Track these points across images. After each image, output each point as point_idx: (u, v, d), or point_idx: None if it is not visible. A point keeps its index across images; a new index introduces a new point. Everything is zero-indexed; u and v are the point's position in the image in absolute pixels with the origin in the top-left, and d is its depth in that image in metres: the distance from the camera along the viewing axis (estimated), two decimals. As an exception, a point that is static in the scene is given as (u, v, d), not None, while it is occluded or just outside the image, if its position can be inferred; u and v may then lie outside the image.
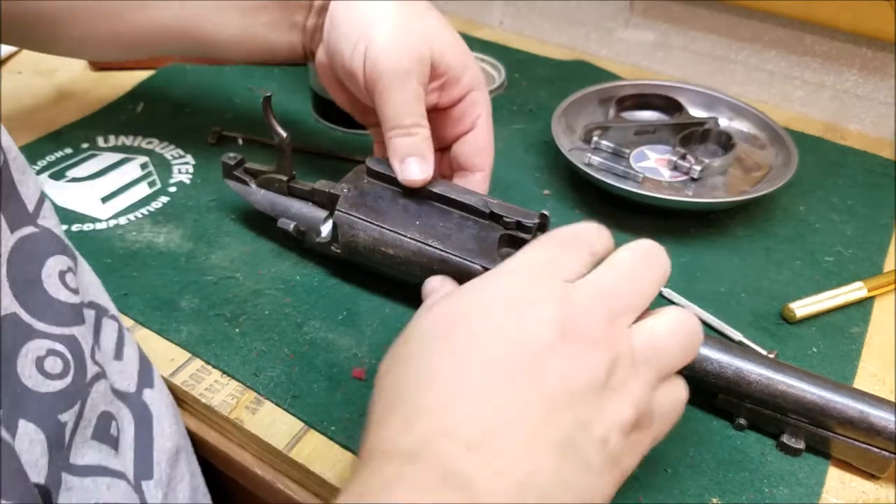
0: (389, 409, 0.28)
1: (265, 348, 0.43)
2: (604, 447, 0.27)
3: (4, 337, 0.30)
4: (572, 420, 0.27)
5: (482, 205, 0.41)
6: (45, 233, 0.33)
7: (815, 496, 0.36)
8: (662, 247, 0.32)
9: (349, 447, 0.38)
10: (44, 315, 0.32)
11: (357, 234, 0.43)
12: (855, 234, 0.53)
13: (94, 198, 0.54)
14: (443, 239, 0.41)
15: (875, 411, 0.36)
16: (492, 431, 0.26)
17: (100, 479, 0.32)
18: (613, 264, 0.31)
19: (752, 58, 0.70)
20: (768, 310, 0.47)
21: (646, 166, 0.57)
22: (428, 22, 0.43)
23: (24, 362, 0.30)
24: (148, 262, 0.48)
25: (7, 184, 0.32)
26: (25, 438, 0.29)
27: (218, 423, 0.41)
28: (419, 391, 0.28)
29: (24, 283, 0.31)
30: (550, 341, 0.28)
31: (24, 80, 0.70)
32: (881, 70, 0.64)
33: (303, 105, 0.65)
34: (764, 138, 0.59)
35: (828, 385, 0.37)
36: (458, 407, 0.27)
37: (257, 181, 0.48)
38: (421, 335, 0.30)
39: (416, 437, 0.26)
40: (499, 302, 0.29)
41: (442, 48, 0.43)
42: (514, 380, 0.27)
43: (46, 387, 0.31)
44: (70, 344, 0.33)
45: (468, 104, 0.45)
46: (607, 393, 0.28)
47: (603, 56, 0.78)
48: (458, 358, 0.28)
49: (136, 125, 0.62)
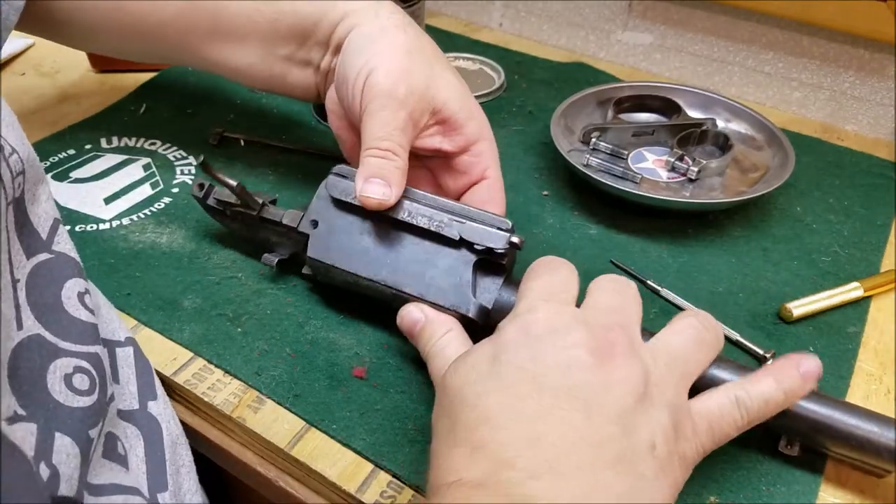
0: (449, 449, 0.30)
1: (267, 347, 0.43)
2: (651, 454, 0.29)
3: (31, 357, 0.31)
4: (620, 434, 0.29)
5: (452, 230, 0.40)
6: (61, 257, 0.35)
7: (813, 495, 0.37)
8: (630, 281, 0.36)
9: (350, 445, 0.38)
10: (67, 335, 0.33)
11: (333, 277, 0.43)
12: (852, 234, 0.54)
13: (98, 198, 0.54)
14: (416, 279, 0.40)
15: (872, 429, 0.35)
16: (550, 458, 0.28)
17: (115, 498, 0.33)
18: (597, 289, 0.35)
19: (750, 59, 0.70)
20: (765, 309, 0.47)
21: (644, 167, 0.57)
22: (436, 69, 0.43)
23: (53, 379, 0.31)
24: (151, 262, 0.49)
25: (21, 212, 0.33)
26: (63, 451, 0.30)
27: (220, 422, 0.41)
28: (477, 428, 0.29)
29: (45, 306, 0.33)
30: (588, 363, 0.30)
31: (28, 81, 0.70)
32: (878, 71, 0.65)
33: (303, 105, 0.66)
34: (761, 139, 0.59)
35: (822, 402, 0.36)
36: (516, 439, 0.28)
37: (230, 212, 0.46)
38: (465, 378, 0.32)
39: (480, 469, 0.28)
40: (534, 334, 0.31)
41: (446, 94, 0.43)
42: (561, 404, 0.29)
43: (76, 402, 0.31)
44: (94, 361, 0.34)
45: (474, 155, 0.44)
46: (647, 402, 0.30)
47: (601, 58, 0.78)
48: (508, 392, 0.30)
49: (138, 126, 0.62)
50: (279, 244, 0.46)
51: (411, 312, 0.40)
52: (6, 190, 0.31)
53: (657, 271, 0.50)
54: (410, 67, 0.42)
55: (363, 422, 0.39)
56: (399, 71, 0.41)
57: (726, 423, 0.32)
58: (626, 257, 0.51)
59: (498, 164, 0.45)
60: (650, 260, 0.51)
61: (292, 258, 0.46)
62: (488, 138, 0.45)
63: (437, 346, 0.38)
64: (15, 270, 0.32)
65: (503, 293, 0.40)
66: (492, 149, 0.45)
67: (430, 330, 0.38)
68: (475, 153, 0.44)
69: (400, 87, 0.41)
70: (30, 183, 0.33)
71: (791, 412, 0.35)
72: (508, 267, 0.41)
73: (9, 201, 0.31)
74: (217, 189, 0.47)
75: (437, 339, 0.38)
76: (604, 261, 0.50)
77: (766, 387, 0.33)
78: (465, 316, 0.39)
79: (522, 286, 0.36)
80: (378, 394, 0.40)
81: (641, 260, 0.51)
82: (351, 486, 0.36)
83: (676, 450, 0.30)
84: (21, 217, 0.33)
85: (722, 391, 0.33)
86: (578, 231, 0.53)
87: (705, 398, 0.33)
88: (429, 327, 0.39)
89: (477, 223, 0.40)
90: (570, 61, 0.75)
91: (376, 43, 0.43)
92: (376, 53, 0.42)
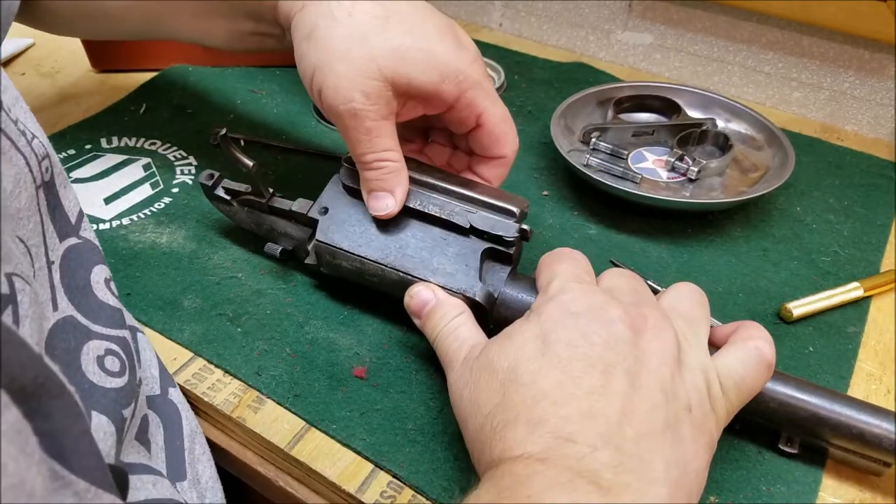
0: (505, 426, 0.30)
1: (267, 347, 0.43)
2: (689, 417, 0.31)
3: (66, 338, 0.31)
4: (664, 401, 0.30)
5: (462, 218, 0.40)
6: (87, 244, 0.35)
7: (813, 494, 0.37)
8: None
9: (350, 445, 0.38)
10: (97, 318, 0.34)
11: (340, 263, 0.43)
12: (851, 234, 0.54)
13: (98, 198, 0.54)
14: (423, 264, 0.40)
15: (872, 422, 0.35)
16: (607, 431, 0.29)
17: (145, 477, 0.34)
18: (611, 278, 0.37)
19: (750, 59, 0.70)
20: (765, 309, 0.47)
21: (644, 167, 0.57)
22: (390, 43, 0.39)
23: (86, 360, 0.32)
24: (151, 262, 0.49)
25: (53, 195, 0.34)
26: (100, 429, 0.30)
27: (220, 422, 0.41)
28: (535, 405, 0.30)
29: (76, 288, 0.33)
30: (628, 337, 0.32)
31: (28, 81, 0.70)
32: (878, 71, 0.65)
33: (303, 105, 0.66)
34: (761, 139, 0.59)
35: (821, 395, 0.36)
36: (574, 414, 0.29)
37: (238, 201, 0.47)
38: (515, 357, 0.32)
39: (541, 444, 0.29)
40: (575, 312, 0.33)
41: (408, 71, 0.39)
42: (612, 379, 0.30)
43: (110, 383, 0.32)
44: (122, 344, 0.34)
45: (463, 107, 0.41)
46: (682, 367, 0.32)
47: (601, 58, 0.78)
48: (563, 370, 0.31)
49: (138, 126, 0.62)
50: (284, 235, 0.46)
51: (421, 292, 0.39)
52: (33, 174, 0.31)
53: (657, 271, 0.50)
54: (359, 65, 0.38)
55: (363, 422, 0.39)
56: (347, 79, 0.38)
57: (750, 376, 0.33)
58: (626, 257, 0.51)
59: (495, 100, 0.42)
60: (650, 260, 0.51)
61: (295, 251, 0.46)
62: (474, 86, 0.41)
63: (449, 327, 0.38)
64: (49, 252, 0.32)
65: (509, 286, 0.40)
66: (483, 93, 0.41)
67: (442, 311, 0.38)
68: (464, 104, 0.41)
69: (354, 100, 0.38)
70: (57, 168, 0.34)
71: (793, 404, 0.36)
72: (515, 257, 0.41)
73: (37, 185, 0.32)
74: (226, 179, 0.47)
75: (449, 319, 0.38)
76: (604, 261, 0.50)
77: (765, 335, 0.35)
78: (473, 300, 0.39)
79: (547, 270, 0.37)
80: (378, 394, 0.40)
81: (641, 260, 0.51)
82: (351, 486, 0.36)
83: (710, 409, 0.32)
84: (53, 200, 0.34)
85: (739, 346, 0.34)
86: (578, 231, 0.53)
87: (725, 356, 0.34)
88: (440, 308, 0.38)
89: (487, 210, 0.41)
90: (570, 61, 0.76)
91: (316, 40, 0.39)
92: (321, 62, 0.39)
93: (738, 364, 0.33)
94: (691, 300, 0.36)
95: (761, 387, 0.34)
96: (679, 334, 0.33)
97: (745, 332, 0.35)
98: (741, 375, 0.33)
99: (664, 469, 0.29)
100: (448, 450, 0.38)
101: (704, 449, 0.31)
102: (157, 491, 0.33)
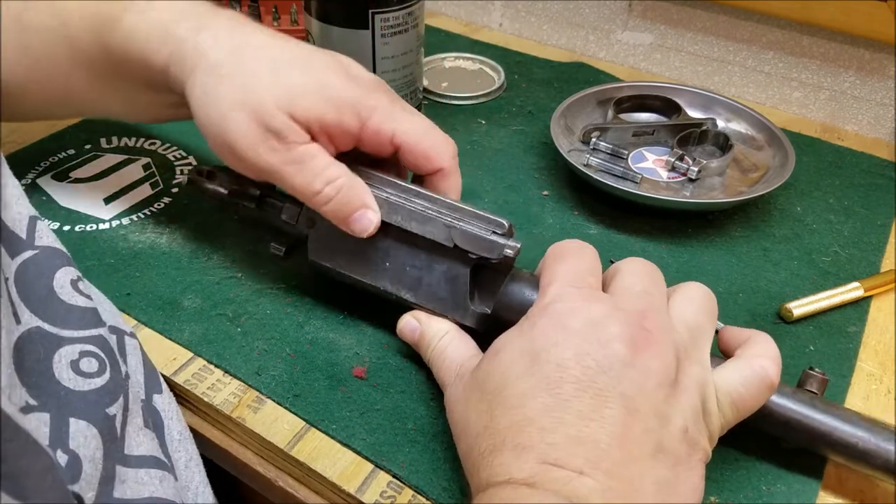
0: (492, 451, 0.30)
1: (267, 347, 0.43)
2: (684, 437, 0.30)
3: (34, 349, 0.31)
4: (658, 425, 0.29)
5: (445, 237, 0.39)
6: (45, 251, 0.34)
7: (813, 495, 0.37)
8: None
9: (350, 445, 0.38)
10: (66, 322, 0.33)
11: (335, 278, 0.43)
12: (852, 234, 0.54)
13: (97, 199, 0.54)
14: (414, 286, 0.40)
15: (872, 441, 0.34)
16: (597, 456, 0.28)
17: (153, 472, 0.33)
18: (626, 271, 0.35)
19: (750, 59, 0.70)
20: (765, 309, 0.47)
21: (644, 167, 0.57)
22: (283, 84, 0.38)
23: (59, 367, 0.31)
24: (150, 262, 0.49)
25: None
26: (79, 435, 0.30)
27: (220, 422, 0.41)
28: (522, 430, 0.30)
29: (38, 299, 0.32)
30: (626, 358, 0.30)
31: (27, 81, 0.70)
32: (879, 71, 0.65)
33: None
34: (761, 139, 0.59)
35: (822, 411, 0.35)
36: (563, 440, 0.29)
37: (228, 201, 0.46)
38: (503, 377, 0.32)
39: (527, 470, 0.28)
40: (571, 328, 0.31)
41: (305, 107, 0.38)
42: (604, 403, 0.29)
43: (88, 385, 0.32)
44: (99, 343, 0.34)
45: (371, 134, 0.40)
46: (678, 388, 0.31)
47: (601, 58, 0.78)
48: (552, 393, 0.30)
49: (138, 126, 0.62)
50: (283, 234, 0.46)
51: (408, 323, 0.40)
52: None
53: (657, 271, 0.49)
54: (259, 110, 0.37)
55: (363, 422, 0.39)
56: (253, 126, 0.37)
57: (750, 395, 0.33)
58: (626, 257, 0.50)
59: (408, 119, 0.40)
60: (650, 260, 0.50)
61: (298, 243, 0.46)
62: (374, 111, 0.39)
63: (436, 351, 0.38)
64: (4, 269, 0.32)
65: (509, 287, 0.39)
66: (388, 115, 0.39)
67: (429, 336, 0.39)
68: (371, 131, 0.39)
69: (261, 160, 0.38)
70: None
71: (791, 420, 0.35)
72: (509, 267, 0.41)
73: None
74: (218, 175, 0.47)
75: (435, 343, 0.38)
76: (604, 261, 0.50)
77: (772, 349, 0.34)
78: (463, 325, 0.40)
79: (547, 270, 0.35)
80: (378, 394, 0.40)
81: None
82: (351, 487, 0.36)
83: (704, 427, 0.32)
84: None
85: (744, 364, 0.34)
86: (578, 231, 0.53)
87: (728, 372, 0.33)
88: (426, 333, 0.39)
89: (471, 225, 0.39)
90: (570, 61, 0.75)
91: (210, 102, 0.39)
92: (220, 119, 0.38)
93: (740, 383, 0.33)
94: (700, 307, 0.34)
95: (760, 405, 0.34)
96: (680, 349, 0.32)
97: (753, 349, 0.34)
98: (740, 394, 0.33)
99: (655, 491, 0.28)
100: (448, 450, 0.38)
101: (698, 465, 0.30)
102: (162, 488, 0.33)
